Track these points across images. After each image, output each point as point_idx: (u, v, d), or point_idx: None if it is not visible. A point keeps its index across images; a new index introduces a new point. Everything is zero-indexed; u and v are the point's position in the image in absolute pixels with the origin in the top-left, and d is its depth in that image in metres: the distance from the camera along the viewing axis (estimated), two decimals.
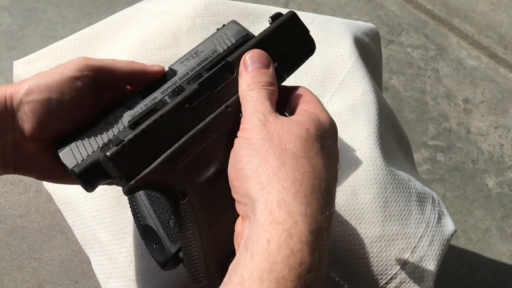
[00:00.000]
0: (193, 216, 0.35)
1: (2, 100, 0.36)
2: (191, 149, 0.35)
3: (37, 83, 0.36)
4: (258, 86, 0.35)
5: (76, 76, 0.36)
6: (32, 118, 0.36)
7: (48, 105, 0.36)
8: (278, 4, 1.51)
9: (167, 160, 0.34)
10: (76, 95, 0.37)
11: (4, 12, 1.37)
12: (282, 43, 0.39)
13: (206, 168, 0.36)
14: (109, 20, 0.63)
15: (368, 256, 0.50)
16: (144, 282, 0.47)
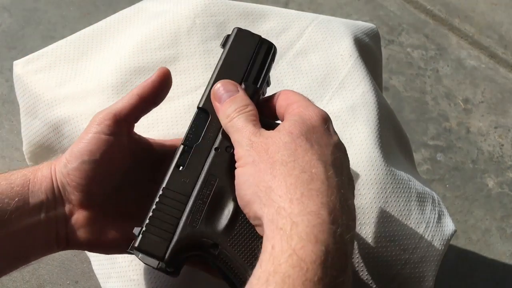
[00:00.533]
0: (232, 261, 0.36)
1: (49, 176, 0.39)
2: (202, 204, 0.36)
3: (70, 152, 0.38)
4: (235, 114, 0.36)
5: (97, 131, 0.38)
6: (74, 187, 0.38)
7: (84, 169, 0.38)
8: (278, 4, 1.51)
9: (185, 226, 0.36)
10: (104, 150, 0.38)
11: (4, 12, 1.37)
12: (241, 60, 0.41)
13: (222, 212, 0.36)
14: (109, 20, 0.63)
15: (368, 256, 0.50)
16: (144, 282, 0.47)
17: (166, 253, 0.36)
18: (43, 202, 0.38)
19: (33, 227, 0.38)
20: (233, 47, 0.41)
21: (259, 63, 0.41)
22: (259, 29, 0.63)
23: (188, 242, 0.36)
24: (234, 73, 0.40)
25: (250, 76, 0.40)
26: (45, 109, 0.56)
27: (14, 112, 1.20)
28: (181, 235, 0.36)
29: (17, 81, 0.59)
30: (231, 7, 0.64)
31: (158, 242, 0.36)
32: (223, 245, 0.36)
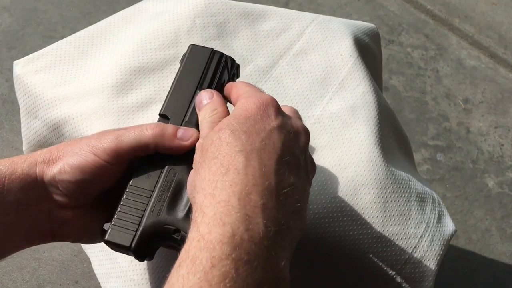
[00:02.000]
0: None
1: (33, 174, 0.39)
2: (164, 195, 0.40)
3: (71, 163, 0.38)
4: (204, 120, 0.40)
5: (106, 161, 0.39)
6: (65, 193, 0.39)
7: (81, 184, 0.39)
8: (278, 4, 1.51)
9: (150, 216, 0.39)
10: (107, 176, 0.40)
11: (4, 12, 1.37)
12: (196, 70, 0.46)
13: (182, 201, 0.40)
14: (109, 20, 0.63)
15: (368, 256, 0.50)
16: (144, 282, 0.47)
17: (133, 242, 0.38)
18: (21, 200, 0.38)
19: (8, 224, 0.38)
20: (188, 61, 0.47)
21: (212, 71, 0.46)
22: (259, 29, 0.63)
23: (153, 230, 0.39)
24: (190, 82, 0.45)
25: (204, 83, 0.45)
26: (45, 109, 0.56)
27: (14, 112, 1.20)
28: (146, 225, 0.39)
29: (17, 81, 0.59)
30: (231, 7, 0.64)
31: (125, 234, 0.39)
32: (185, 229, 0.38)
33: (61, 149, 0.39)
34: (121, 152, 0.39)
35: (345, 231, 0.49)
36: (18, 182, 0.38)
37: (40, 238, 0.41)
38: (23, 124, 0.60)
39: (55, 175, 0.38)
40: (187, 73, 0.46)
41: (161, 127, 0.40)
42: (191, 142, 0.40)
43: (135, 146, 0.39)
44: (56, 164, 0.39)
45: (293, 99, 0.57)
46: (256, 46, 0.61)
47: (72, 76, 0.57)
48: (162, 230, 0.39)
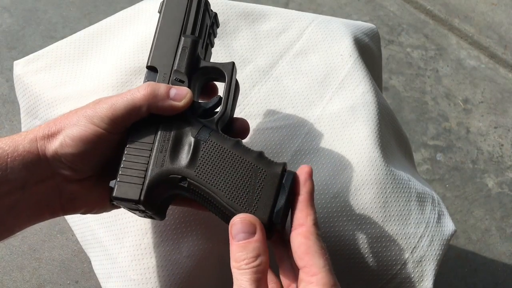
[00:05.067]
0: (202, 189, 0.39)
1: (34, 151, 0.38)
2: (165, 146, 0.40)
3: (71, 135, 0.38)
4: (243, 266, 0.35)
5: (105, 129, 0.39)
6: (69, 166, 0.39)
7: (84, 155, 0.39)
8: (278, 4, 1.51)
9: (154, 168, 0.39)
10: (107, 144, 0.40)
11: (4, 12, 1.37)
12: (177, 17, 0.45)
13: (184, 148, 0.40)
14: (109, 20, 0.63)
15: (368, 256, 0.50)
16: (144, 282, 0.47)
17: (141, 195, 0.39)
18: (26, 178, 0.38)
19: (15, 202, 0.38)
20: (167, 8, 0.45)
21: (193, 16, 0.45)
22: (259, 29, 0.63)
23: (159, 181, 0.39)
24: (173, 30, 0.44)
25: (187, 29, 0.44)
26: (46, 109, 0.56)
27: (14, 112, 1.20)
28: (151, 176, 0.39)
29: (17, 81, 0.59)
30: (231, 7, 0.64)
31: (132, 187, 0.39)
32: (190, 176, 0.39)
33: (59, 122, 0.39)
34: (117, 119, 0.39)
35: (345, 231, 0.49)
36: (20, 160, 0.37)
37: (50, 212, 0.41)
38: (23, 124, 0.60)
39: (57, 149, 0.38)
40: (168, 21, 0.45)
41: (152, 87, 0.39)
42: (185, 103, 0.40)
43: (130, 110, 0.39)
44: (56, 138, 0.38)
45: (293, 99, 0.57)
46: (256, 46, 0.61)
47: (72, 76, 0.58)
48: (168, 179, 0.39)
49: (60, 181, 0.40)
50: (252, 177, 0.39)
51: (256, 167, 0.39)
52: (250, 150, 0.40)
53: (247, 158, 0.39)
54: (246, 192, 0.38)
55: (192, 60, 0.43)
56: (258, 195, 0.38)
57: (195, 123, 0.41)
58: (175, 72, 0.42)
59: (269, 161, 0.40)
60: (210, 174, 0.39)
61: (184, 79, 0.42)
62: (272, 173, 0.39)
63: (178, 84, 0.42)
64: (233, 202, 0.38)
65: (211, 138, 0.40)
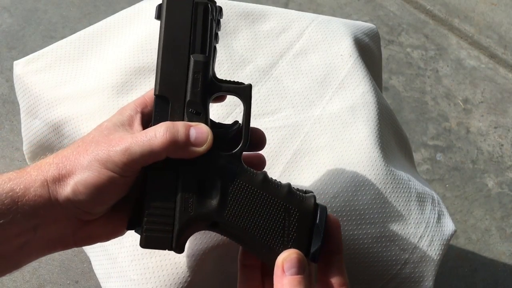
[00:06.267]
0: (235, 231, 0.38)
1: (46, 195, 0.36)
2: (190, 189, 0.37)
3: (84, 182, 0.36)
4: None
5: (119, 174, 0.36)
6: (83, 211, 0.37)
7: (98, 200, 0.37)
8: (278, 4, 1.51)
9: (181, 214, 0.37)
10: (122, 186, 0.37)
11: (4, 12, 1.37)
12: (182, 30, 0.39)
13: (211, 190, 0.38)
14: (109, 20, 0.63)
15: (368, 256, 0.50)
16: (144, 282, 0.47)
17: (173, 243, 0.37)
18: (37, 222, 0.36)
19: (25, 243, 0.36)
20: (168, 19, 0.39)
21: (200, 28, 0.39)
22: (259, 29, 0.63)
23: (188, 227, 0.38)
24: (179, 49, 0.38)
25: (196, 47, 0.38)
26: (45, 109, 0.56)
27: (14, 112, 1.20)
28: (181, 224, 0.37)
29: (17, 81, 0.59)
30: (231, 7, 0.64)
31: (161, 236, 0.37)
32: (222, 220, 0.37)
33: (68, 163, 0.37)
34: (133, 164, 0.36)
35: (345, 231, 0.49)
36: (32, 204, 0.36)
37: (62, 246, 0.39)
38: (23, 124, 0.60)
39: (69, 197, 0.36)
40: (172, 35, 0.38)
41: (171, 133, 0.36)
42: (206, 148, 0.37)
43: (147, 156, 0.36)
44: (67, 183, 0.36)
45: (293, 99, 0.57)
46: (256, 46, 0.61)
47: (72, 76, 0.58)
48: (198, 224, 0.38)
49: (73, 222, 0.38)
50: (285, 217, 0.38)
51: (288, 206, 0.38)
52: (279, 186, 0.39)
53: (278, 197, 0.38)
54: (280, 233, 0.38)
55: (205, 86, 0.38)
56: (293, 235, 0.38)
57: (218, 160, 0.38)
58: (190, 103, 0.38)
59: (300, 197, 0.39)
60: (241, 216, 0.37)
61: (200, 109, 0.38)
62: (304, 212, 0.38)
63: (195, 117, 0.38)
64: (267, 243, 0.38)
65: (238, 178, 0.38)
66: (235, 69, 0.59)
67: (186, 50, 0.38)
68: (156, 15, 0.39)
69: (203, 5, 0.39)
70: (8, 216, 0.35)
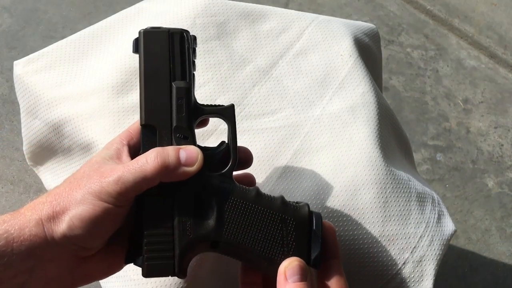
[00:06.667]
0: (236, 248, 0.38)
1: (41, 235, 0.36)
2: (186, 212, 0.38)
3: (79, 217, 0.36)
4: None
5: (114, 204, 0.36)
6: (80, 246, 0.37)
7: (93, 233, 0.37)
8: (278, 4, 1.51)
9: (181, 238, 0.37)
10: (118, 216, 0.37)
11: (4, 12, 1.37)
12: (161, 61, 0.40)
13: (207, 211, 0.38)
14: (109, 20, 0.63)
15: (368, 256, 0.50)
16: (144, 282, 0.47)
17: (175, 269, 0.38)
18: (33, 263, 0.36)
19: (22, 285, 0.36)
20: (147, 51, 0.40)
21: (178, 57, 0.40)
22: (259, 29, 0.63)
23: (189, 250, 0.38)
24: (160, 78, 0.39)
25: (177, 74, 0.40)
26: (45, 109, 0.56)
27: (14, 112, 1.20)
28: (181, 248, 0.37)
29: (17, 81, 0.59)
30: (231, 7, 0.64)
31: (162, 263, 0.37)
32: (221, 239, 0.38)
33: (61, 200, 0.37)
34: (127, 193, 0.36)
35: (345, 231, 0.49)
36: (27, 244, 0.35)
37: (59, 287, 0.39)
38: (23, 124, 0.60)
39: (66, 233, 0.36)
40: (152, 66, 0.40)
41: (162, 157, 0.37)
42: (198, 168, 0.38)
43: (140, 183, 0.36)
44: (62, 220, 0.36)
45: (293, 99, 0.57)
46: (256, 46, 0.61)
47: (72, 76, 0.58)
48: (198, 246, 0.38)
49: (70, 261, 0.38)
50: (282, 228, 0.39)
51: (283, 217, 0.39)
52: (272, 199, 0.39)
53: (272, 209, 0.39)
54: (279, 244, 0.39)
55: (190, 110, 0.40)
56: (292, 244, 0.39)
57: (210, 180, 0.39)
58: (176, 129, 0.39)
59: (293, 206, 0.40)
60: (240, 232, 0.38)
61: (187, 134, 0.39)
62: (300, 220, 0.39)
63: (183, 141, 0.39)
64: (268, 255, 0.38)
65: (232, 195, 0.38)
66: (235, 69, 0.59)
67: (167, 78, 0.40)
68: (134, 49, 0.41)
69: (178, 34, 0.40)
70: (3, 258, 0.34)
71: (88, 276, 0.39)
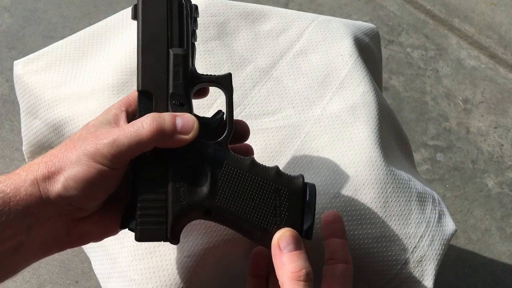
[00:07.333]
0: (228, 216, 0.38)
1: (37, 194, 0.36)
2: (180, 179, 0.38)
3: (74, 177, 0.36)
4: (303, 276, 0.36)
5: (109, 166, 0.36)
6: (75, 207, 0.38)
7: (89, 194, 0.37)
8: (278, 4, 1.51)
9: (174, 205, 0.38)
10: (112, 179, 0.38)
11: (4, 12, 1.37)
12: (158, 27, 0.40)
13: (201, 179, 0.38)
14: (109, 20, 0.63)
15: (368, 256, 0.50)
16: (144, 282, 0.47)
17: (168, 234, 0.38)
18: (30, 221, 0.36)
19: (20, 244, 0.36)
20: (145, 17, 0.40)
21: (176, 24, 0.40)
22: (259, 29, 0.63)
23: (182, 216, 0.38)
24: (158, 45, 0.40)
25: (174, 41, 0.40)
26: (46, 109, 0.56)
27: (14, 112, 1.20)
28: (174, 214, 0.38)
29: (17, 81, 0.59)
30: (231, 7, 0.64)
31: (155, 228, 0.38)
32: (214, 207, 0.38)
33: (56, 160, 0.37)
34: (121, 156, 0.36)
35: (346, 231, 0.49)
36: (24, 204, 0.36)
37: (57, 248, 0.39)
38: (23, 124, 0.60)
39: (61, 192, 0.36)
40: (150, 32, 0.40)
41: (157, 122, 0.37)
42: (193, 136, 0.38)
43: (134, 147, 0.36)
44: (57, 179, 0.36)
45: (293, 99, 0.57)
46: (256, 46, 0.61)
47: (73, 76, 0.58)
48: (191, 213, 0.38)
49: (66, 221, 0.38)
50: (276, 198, 0.39)
51: (277, 187, 0.39)
52: (267, 169, 0.39)
53: (266, 179, 0.39)
54: (272, 213, 0.39)
55: (186, 78, 0.40)
56: (285, 214, 0.39)
57: (205, 149, 0.39)
58: (173, 96, 0.39)
59: (288, 177, 0.40)
60: (233, 201, 0.38)
61: (184, 101, 0.39)
62: (294, 191, 0.39)
63: (179, 109, 0.39)
64: (261, 225, 0.38)
65: (226, 163, 0.39)
66: (235, 69, 0.59)
67: (164, 45, 0.40)
68: (133, 15, 0.41)
69: (177, 2, 0.40)
70: (1, 217, 0.35)
71: (84, 236, 0.40)
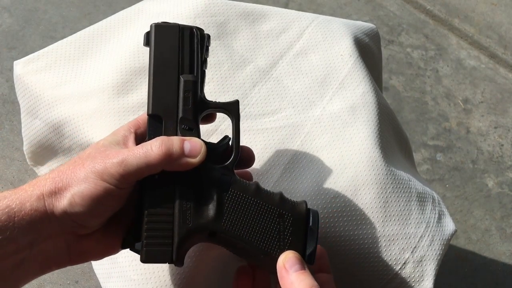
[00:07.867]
0: (232, 240, 0.39)
1: (42, 209, 0.37)
2: (187, 202, 0.39)
3: (80, 194, 0.36)
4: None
5: (116, 186, 0.37)
6: (79, 224, 0.38)
7: (93, 212, 0.37)
8: (278, 4, 1.51)
9: (180, 227, 0.38)
10: (118, 198, 0.38)
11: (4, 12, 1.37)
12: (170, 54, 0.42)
13: (207, 202, 0.39)
14: (109, 20, 0.63)
15: (368, 256, 0.50)
16: (144, 282, 0.47)
17: (173, 256, 0.38)
18: (34, 237, 0.37)
19: (21, 261, 0.37)
20: (157, 44, 0.41)
21: (187, 51, 0.42)
22: (259, 29, 0.63)
23: (187, 239, 0.38)
24: (169, 70, 0.41)
25: (185, 67, 0.41)
26: (46, 109, 0.56)
27: (14, 112, 1.20)
28: (180, 236, 0.38)
29: (17, 81, 0.59)
30: (231, 7, 0.64)
31: (161, 250, 0.38)
32: (219, 230, 0.38)
33: (65, 176, 0.37)
34: (129, 176, 0.37)
35: (345, 231, 0.49)
36: (28, 219, 0.36)
37: (57, 265, 0.40)
38: (23, 124, 0.60)
39: (66, 209, 0.37)
40: (162, 58, 0.41)
41: (166, 146, 0.37)
42: (200, 159, 0.38)
43: (143, 168, 0.37)
44: (63, 195, 0.37)
45: (293, 99, 0.57)
46: (256, 46, 0.61)
47: (73, 76, 0.58)
48: (197, 235, 0.39)
49: (69, 237, 0.39)
50: (280, 222, 0.40)
51: (281, 212, 0.40)
52: (271, 194, 0.40)
53: (271, 204, 0.40)
54: (276, 238, 0.39)
55: (196, 103, 0.41)
56: (288, 239, 0.39)
57: (212, 172, 0.40)
58: (182, 120, 0.40)
59: (292, 202, 0.41)
60: (238, 224, 0.39)
61: (192, 125, 0.40)
62: (298, 216, 0.40)
63: (188, 133, 0.40)
64: (265, 249, 0.39)
65: (232, 188, 0.39)
66: (235, 69, 0.59)
67: (175, 71, 0.41)
68: (145, 42, 0.42)
69: (188, 30, 0.42)
70: (5, 232, 0.35)
71: (84, 254, 0.40)
